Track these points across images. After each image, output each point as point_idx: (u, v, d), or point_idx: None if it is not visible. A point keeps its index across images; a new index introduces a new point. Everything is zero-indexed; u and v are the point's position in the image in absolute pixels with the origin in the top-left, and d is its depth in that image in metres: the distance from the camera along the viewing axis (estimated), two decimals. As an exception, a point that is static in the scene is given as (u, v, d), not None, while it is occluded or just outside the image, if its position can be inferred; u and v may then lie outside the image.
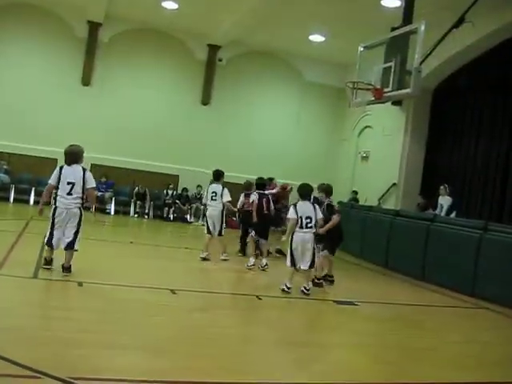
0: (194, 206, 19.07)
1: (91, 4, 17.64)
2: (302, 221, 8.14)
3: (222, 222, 10.73)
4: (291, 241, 8.18)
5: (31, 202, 17.33)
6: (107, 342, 4.90)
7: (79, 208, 7.61)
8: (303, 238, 8.15)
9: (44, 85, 18.60)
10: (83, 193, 7.61)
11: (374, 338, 6.56)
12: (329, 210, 9.21)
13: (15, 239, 10.11)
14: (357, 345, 6.08)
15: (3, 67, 18.30)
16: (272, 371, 4.76)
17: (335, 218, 9.13)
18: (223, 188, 10.85)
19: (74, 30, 18.85)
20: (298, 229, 8.15)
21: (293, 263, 8.20)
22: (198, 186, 18.88)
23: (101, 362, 4.35)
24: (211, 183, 11.43)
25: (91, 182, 7.72)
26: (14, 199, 17.56)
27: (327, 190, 9.65)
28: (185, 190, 19.28)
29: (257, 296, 7.94)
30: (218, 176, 11.10)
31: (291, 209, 8.35)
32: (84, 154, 7.94)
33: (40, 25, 18.48)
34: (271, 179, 14.13)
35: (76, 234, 7.57)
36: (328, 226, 8.90)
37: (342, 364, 5.28)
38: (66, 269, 7.51)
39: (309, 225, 8.18)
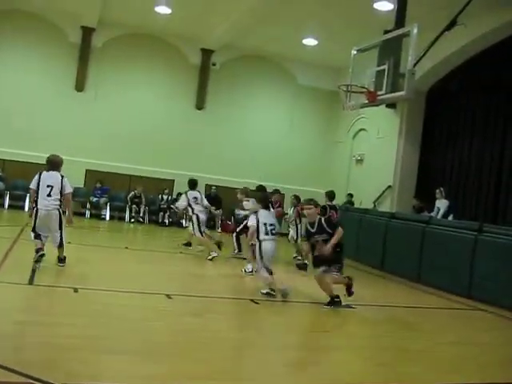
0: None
1: (85, 9, 17.63)
2: (266, 228, 8.12)
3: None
4: (260, 249, 8.15)
5: (26, 208, 17.27)
6: (103, 348, 4.89)
7: (58, 209, 8.32)
8: (272, 246, 8.22)
9: (38, 90, 18.56)
10: (61, 196, 8.34)
11: (369, 340, 6.57)
12: (330, 225, 8.11)
13: (10, 246, 10.09)
14: (353, 347, 6.08)
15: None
16: (268, 375, 4.76)
17: (339, 231, 7.95)
18: (201, 194, 12.34)
19: (67, 35, 18.83)
20: (265, 236, 8.14)
21: (270, 272, 8.19)
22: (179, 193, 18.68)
23: (97, 367, 4.33)
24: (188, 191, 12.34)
25: (68, 188, 8.49)
26: (8, 205, 17.51)
27: (329, 194, 10.28)
28: (179, 194, 19.27)
29: (253, 300, 7.93)
30: (194, 185, 12.31)
31: (252, 217, 8.37)
32: (71, 161, 8.55)
33: (34, 31, 18.43)
34: (276, 191, 13.91)
35: (61, 235, 8.35)
36: (333, 241, 7.80)
37: (337, 366, 5.28)
38: (61, 260, 8.49)
39: (273, 231, 8.23)
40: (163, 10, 17.11)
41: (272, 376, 4.77)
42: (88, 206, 18.31)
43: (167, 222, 18.92)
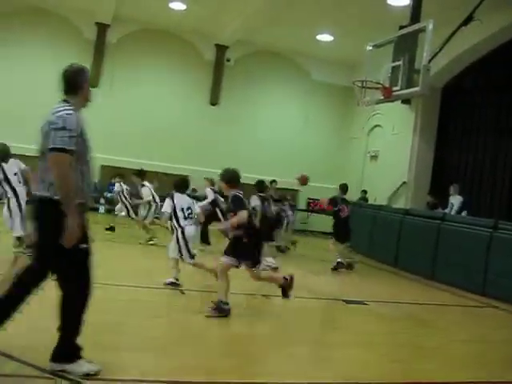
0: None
1: (99, 6, 17.71)
2: (184, 212, 7.93)
3: None
4: (184, 235, 7.82)
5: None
6: (120, 344, 4.93)
7: None
8: (193, 231, 8.10)
9: (53, 88, 18.60)
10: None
11: (384, 336, 6.56)
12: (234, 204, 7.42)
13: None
14: (367, 344, 6.08)
15: (13, 71, 18.38)
16: (283, 371, 4.78)
17: (240, 214, 6.87)
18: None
19: (82, 32, 18.93)
20: (185, 222, 7.88)
21: (192, 257, 7.90)
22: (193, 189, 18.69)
23: (114, 363, 4.37)
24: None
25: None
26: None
27: (342, 187, 11.28)
28: (194, 190, 19.30)
29: (265, 295, 7.95)
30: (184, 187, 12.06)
31: (167, 201, 8.13)
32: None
33: (49, 28, 18.53)
34: (273, 181, 14.61)
35: None
36: (232, 221, 6.64)
37: (353, 363, 5.30)
38: None
39: (190, 215, 8.03)
40: (177, 5, 17.15)
41: (288, 372, 4.79)
42: (102, 201, 18.38)
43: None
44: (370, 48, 11.89)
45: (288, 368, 4.90)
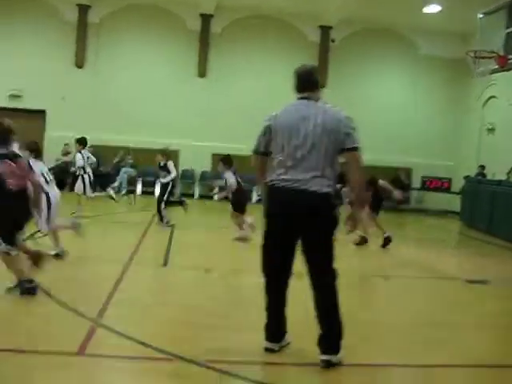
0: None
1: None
2: (44, 176, 7.37)
3: None
4: (49, 200, 7.25)
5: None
6: (235, 326, 5.01)
7: None
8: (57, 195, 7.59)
9: (162, 79, 19.28)
10: None
11: (507, 318, 6.26)
12: None
13: (144, 230, 10.59)
14: (489, 325, 5.83)
15: (122, 66, 19.19)
16: (401, 353, 4.68)
17: None
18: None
19: (185, 22, 19.41)
20: (48, 186, 7.35)
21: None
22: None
23: (231, 344, 4.45)
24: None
25: None
26: (142, 192, 18.37)
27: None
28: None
29: (383, 276, 7.80)
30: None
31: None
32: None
33: (156, 21, 19.16)
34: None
35: None
36: None
37: (472, 345, 5.07)
38: None
39: (49, 179, 7.52)
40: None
41: (409, 353, 4.70)
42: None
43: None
44: (482, 16, 11.36)
45: (410, 349, 4.79)
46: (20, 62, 18.88)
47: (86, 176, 12.08)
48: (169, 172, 11.49)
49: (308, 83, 4.34)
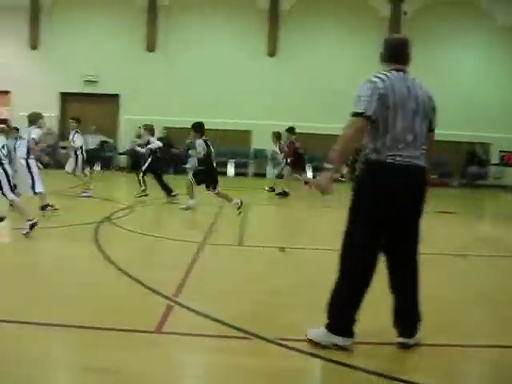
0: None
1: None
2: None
3: None
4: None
5: (231, 173, 18.28)
6: (310, 304, 4.95)
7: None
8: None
9: (232, 59, 19.33)
10: None
11: None
12: None
13: (218, 210, 10.67)
14: None
15: (192, 48, 19.43)
16: (472, 332, 4.56)
17: None
18: None
19: (255, 1, 19.37)
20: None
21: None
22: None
23: (304, 324, 4.41)
24: None
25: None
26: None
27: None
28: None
29: (460, 255, 7.53)
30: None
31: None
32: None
33: (222, 0, 19.22)
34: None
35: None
36: None
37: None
38: None
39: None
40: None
41: (477, 333, 4.57)
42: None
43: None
44: None
45: (477, 329, 4.66)
46: (94, 49, 19.40)
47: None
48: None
49: (405, 55, 4.09)
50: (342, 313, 3.97)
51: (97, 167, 17.14)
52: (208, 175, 10.22)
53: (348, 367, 3.70)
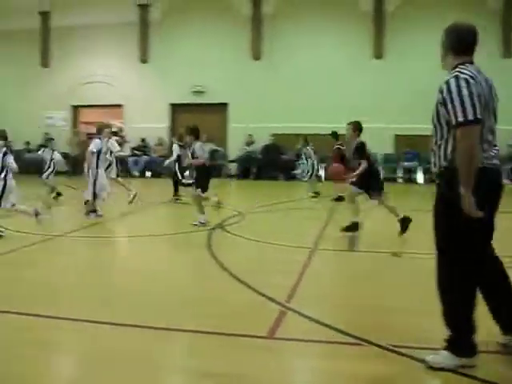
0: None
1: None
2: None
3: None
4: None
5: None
6: (420, 311, 4.80)
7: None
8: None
9: (338, 63, 19.25)
10: None
11: None
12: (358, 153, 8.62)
13: (328, 215, 10.64)
14: None
15: (296, 54, 19.46)
16: None
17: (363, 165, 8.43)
18: None
19: (358, 4, 19.14)
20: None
21: None
22: None
23: (417, 330, 4.29)
24: None
25: None
26: (325, 178, 18.44)
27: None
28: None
29: None
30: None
31: None
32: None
33: (328, 6, 19.15)
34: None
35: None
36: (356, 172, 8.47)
37: None
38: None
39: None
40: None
41: None
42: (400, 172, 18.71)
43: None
44: None
45: None
46: (201, 60, 19.93)
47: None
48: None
49: (475, 45, 3.72)
50: (465, 329, 3.69)
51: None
52: (205, 178, 9.57)
53: (466, 376, 3.57)
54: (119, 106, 21.40)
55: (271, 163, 19.01)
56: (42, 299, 5.18)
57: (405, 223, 8.32)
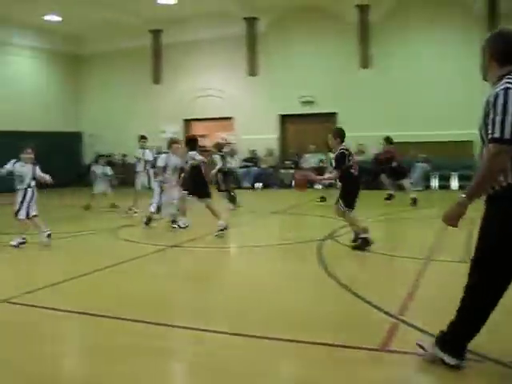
0: None
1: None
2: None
3: None
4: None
5: (454, 187, 17.49)
6: None
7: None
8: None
9: (446, 71, 18.52)
10: None
11: None
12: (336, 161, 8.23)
13: (442, 225, 10.27)
14: None
15: (405, 62, 19.16)
16: None
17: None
18: None
19: (472, 7, 18.50)
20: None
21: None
22: None
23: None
24: None
25: None
26: (438, 186, 18.10)
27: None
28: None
29: None
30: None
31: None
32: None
33: (439, 10, 18.66)
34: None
35: None
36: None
37: None
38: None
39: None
40: None
41: None
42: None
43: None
44: None
45: None
46: (308, 70, 19.99)
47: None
48: None
49: None
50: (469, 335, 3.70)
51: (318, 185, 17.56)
52: (200, 185, 9.87)
53: None
54: (229, 118, 21.86)
55: (381, 172, 18.65)
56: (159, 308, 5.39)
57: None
